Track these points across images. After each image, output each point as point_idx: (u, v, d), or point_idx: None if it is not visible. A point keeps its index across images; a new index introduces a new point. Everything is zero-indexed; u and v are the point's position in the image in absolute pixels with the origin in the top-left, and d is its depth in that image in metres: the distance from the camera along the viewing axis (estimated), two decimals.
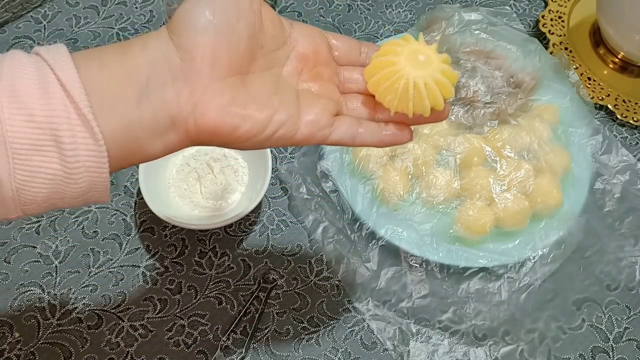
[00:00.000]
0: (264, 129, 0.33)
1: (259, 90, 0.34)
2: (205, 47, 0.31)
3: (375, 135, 0.36)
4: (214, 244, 0.58)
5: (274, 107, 0.33)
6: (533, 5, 0.78)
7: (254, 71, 0.34)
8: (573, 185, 0.60)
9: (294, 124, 0.34)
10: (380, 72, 0.35)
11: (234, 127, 0.32)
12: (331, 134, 0.35)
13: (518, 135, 0.60)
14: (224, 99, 0.32)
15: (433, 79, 0.34)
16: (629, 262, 0.60)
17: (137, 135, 0.31)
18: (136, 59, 0.31)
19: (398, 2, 0.76)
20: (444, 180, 0.57)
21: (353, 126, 0.35)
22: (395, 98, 0.34)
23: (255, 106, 0.33)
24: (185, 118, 0.31)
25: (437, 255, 0.55)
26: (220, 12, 0.32)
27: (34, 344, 0.52)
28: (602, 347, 0.57)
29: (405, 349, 0.55)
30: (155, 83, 0.31)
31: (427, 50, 0.35)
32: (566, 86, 0.65)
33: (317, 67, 0.37)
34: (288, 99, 0.34)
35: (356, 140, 0.35)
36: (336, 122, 0.35)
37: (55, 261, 0.56)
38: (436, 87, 0.34)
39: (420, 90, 0.34)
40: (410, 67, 0.34)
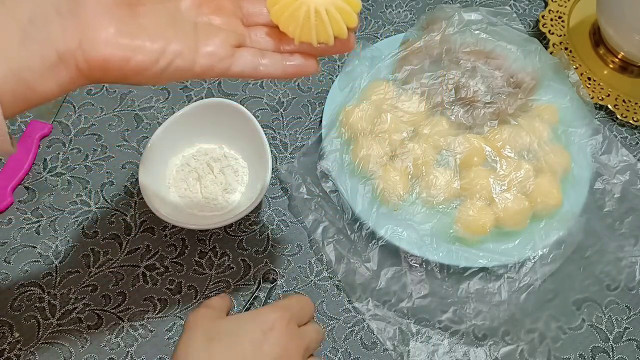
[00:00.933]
0: (157, 60, 0.32)
1: (151, 22, 0.33)
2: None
3: (279, 66, 0.36)
4: (214, 244, 0.58)
5: (167, 38, 0.33)
6: (533, 5, 0.78)
7: (145, 3, 0.33)
8: (573, 185, 0.60)
9: (190, 55, 0.33)
10: (282, 1, 0.34)
11: (125, 59, 0.32)
12: (232, 65, 0.35)
13: (518, 135, 0.60)
14: (111, 30, 0.31)
15: (334, 5, 0.34)
16: (629, 262, 0.60)
17: (26, 76, 0.30)
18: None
19: (398, 2, 0.76)
20: (444, 180, 0.57)
21: (255, 57, 0.35)
22: (298, 27, 0.34)
23: (147, 37, 0.32)
24: (74, 53, 0.31)
25: (437, 255, 0.55)
26: None
27: (34, 344, 0.52)
28: (602, 347, 0.57)
29: (405, 349, 0.55)
30: (38, 20, 0.30)
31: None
32: (566, 86, 0.65)
33: (218, 0, 0.36)
34: (184, 30, 0.34)
35: (259, 71, 0.35)
36: (237, 54, 0.35)
37: (55, 261, 0.56)
38: (337, 14, 0.34)
39: (322, 17, 0.33)
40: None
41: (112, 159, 0.62)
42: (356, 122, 0.60)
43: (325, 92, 0.67)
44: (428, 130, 0.60)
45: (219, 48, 0.34)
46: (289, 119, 0.66)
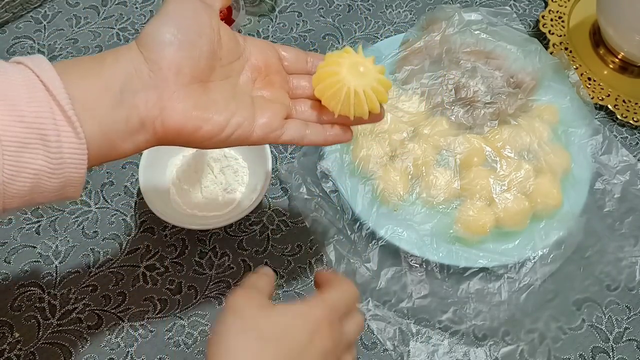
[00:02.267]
0: (222, 130, 0.37)
1: (218, 96, 0.38)
2: (171, 59, 0.36)
3: (321, 135, 0.41)
4: (214, 244, 0.58)
5: (231, 111, 0.38)
6: (533, 6, 0.78)
7: (214, 80, 0.38)
8: (573, 185, 0.60)
9: (249, 126, 0.38)
10: (326, 80, 0.40)
11: (196, 127, 0.36)
12: (282, 135, 0.40)
13: (518, 135, 0.60)
14: (188, 103, 0.36)
15: (371, 87, 0.39)
16: (629, 262, 0.60)
17: (112, 136, 0.34)
18: (110, 71, 0.35)
19: (398, 2, 0.76)
20: (444, 180, 0.57)
21: (301, 128, 0.40)
22: (339, 103, 0.39)
23: (215, 110, 0.37)
24: (153, 120, 0.36)
25: (437, 255, 0.55)
26: (184, 29, 0.36)
27: (34, 344, 0.52)
28: (602, 347, 0.57)
29: (405, 349, 0.55)
30: (127, 91, 0.35)
31: (365, 62, 0.40)
32: (566, 86, 0.65)
33: (269, 75, 0.42)
34: (244, 104, 0.39)
35: (304, 140, 0.40)
36: (286, 125, 0.40)
37: (55, 261, 0.56)
38: (373, 94, 0.39)
39: (360, 96, 0.39)
40: (351, 77, 0.39)
41: None
42: None
43: None
44: (428, 130, 0.60)
45: (272, 120, 0.39)
46: None
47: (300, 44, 0.71)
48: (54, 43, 0.68)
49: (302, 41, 0.71)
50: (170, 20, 0.37)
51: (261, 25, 0.72)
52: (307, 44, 0.71)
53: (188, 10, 0.37)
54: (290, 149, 0.64)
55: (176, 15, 0.37)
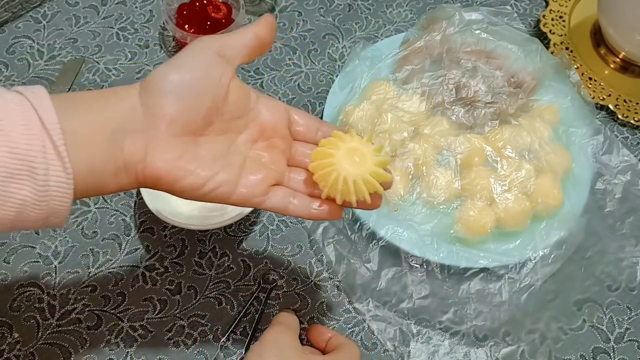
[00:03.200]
0: (202, 185, 0.37)
1: (207, 152, 0.38)
2: (166, 109, 0.36)
3: (306, 209, 0.40)
4: (213, 244, 0.58)
5: (215, 169, 0.38)
6: (534, 5, 0.78)
7: (209, 134, 0.38)
8: (574, 185, 0.60)
9: (231, 187, 0.38)
10: (320, 160, 0.39)
11: (176, 179, 0.37)
12: (265, 202, 0.39)
13: (519, 135, 0.60)
14: (172, 154, 0.36)
15: (362, 177, 0.38)
16: (629, 262, 0.60)
17: (99, 173, 0.35)
18: (109, 110, 0.35)
19: (399, 1, 0.76)
20: (445, 180, 0.57)
21: (287, 197, 0.40)
22: (327, 186, 0.39)
23: (199, 165, 0.37)
24: (135, 165, 0.36)
25: (437, 255, 0.55)
26: (189, 83, 0.36)
27: (33, 345, 0.52)
28: (603, 348, 0.57)
29: (405, 349, 0.54)
30: (119, 132, 0.35)
31: (364, 150, 0.39)
32: (567, 86, 0.65)
33: (273, 139, 0.41)
34: (233, 163, 0.39)
35: (287, 210, 0.40)
36: (271, 192, 0.40)
37: (54, 261, 0.56)
38: (363, 185, 0.38)
39: (349, 186, 0.38)
40: (345, 163, 0.38)
41: None
42: (356, 122, 0.60)
43: (325, 92, 0.67)
44: (429, 130, 0.60)
45: (257, 185, 0.39)
46: None
47: (300, 43, 0.71)
48: (54, 43, 0.68)
49: (302, 40, 0.71)
50: (179, 70, 0.36)
51: None
52: (307, 43, 0.71)
53: (201, 64, 0.37)
54: None
55: (186, 66, 0.37)
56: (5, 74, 0.65)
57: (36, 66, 0.66)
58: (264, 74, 0.68)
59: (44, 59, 0.67)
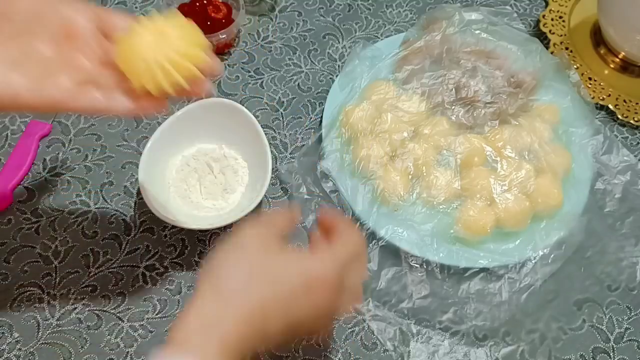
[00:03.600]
0: (2, 90, 0.35)
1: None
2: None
3: (123, 105, 0.39)
4: (214, 244, 0.58)
5: (9, 74, 0.36)
6: (534, 5, 0.78)
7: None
8: (574, 185, 0.60)
9: (36, 89, 0.36)
10: (123, 51, 0.37)
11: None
12: (77, 102, 0.37)
13: (519, 135, 0.60)
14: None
15: (169, 59, 0.36)
16: (629, 262, 0.60)
17: None
18: None
19: (399, 1, 0.76)
20: (445, 180, 0.57)
21: (101, 97, 0.38)
22: (133, 75, 0.37)
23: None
24: None
25: (437, 255, 0.55)
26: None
27: (33, 344, 0.52)
28: (603, 348, 0.57)
29: (405, 349, 0.54)
30: None
31: (166, 30, 0.36)
32: (567, 86, 0.65)
33: (79, 39, 0.39)
34: (33, 66, 0.37)
35: (102, 108, 0.38)
36: (84, 91, 0.38)
37: (54, 261, 0.56)
38: (172, 69, 0.36)
39: (153, 70, 0.36)
40: (148, 48, 0.36)
41: (112, 159, 0.61)
42: (356, 122, 0.60)
43: (325, 92, 0.67)
44: (428, 130, 0.60)
45: (66, 86, 0.37)
46: (289, 119, 0.66)
47: (300, 43, 0.71)
48: None
49: (302, 41, 0.71)
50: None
51: (261, 25, 0.72)
52: (307, 43, 0.71)
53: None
54: (290, 149, 0.64)
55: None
56: None
57: None
58: (264, 74, 0.69)
59: None
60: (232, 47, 0.70)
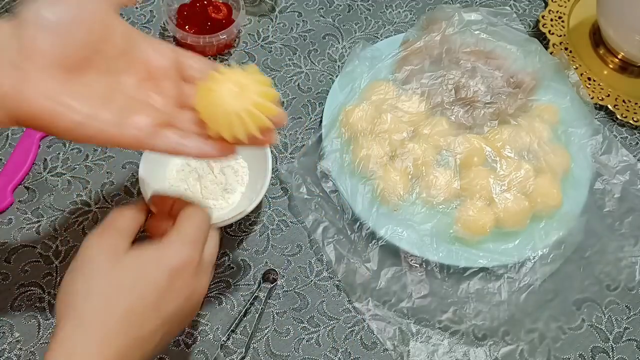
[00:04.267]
0: (85, 124, 0.35)
1: (88, 90, 0.36)
2: (41, 41, 0.35)
3: (198, 148, 0.39)
4: None
5: (97, 108, 0.36)
6: (533, 6, 0.78)
7: (89, 73, 0.37)
8: (573, 185, 0.60)
9: (117, 126, 0.36)
10: (203, 97, 0.38)
11: (55, 115, 0.35)
12: (157, 142, 0.38)
13: (518, 135, 0.60)
14: (50, 90, 0.35)
15: (246, 110, 0.38)
16: (628, 262, 0.60)
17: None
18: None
19: (398, 2, 0.76)
20: (444, 180, 0.57)
21: (177, 138, 0.38)
22: (213, 122, 0.38)
23: (80, 102, 0.35)
24: (12, 99, 0.34)
25: (437, 255, 0.56)
26: (63, 15, 0.35)
27: (34, 344, 0.52)
28: (602, 347, 0.57)
29: (405, 349, 0.55)
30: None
31: (246, 82, 0.38)
32: (566, 86, 0.65)
33: (160, 80, 0.40)
34: (117, 104, 0.37)
35: (177, 150, 0.39)
36: (160, 133, 0.38)
37: (55, 261, 0.56)
38: (248, 119, 0.38)
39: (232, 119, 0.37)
40: (227, 97, 0.38)
41: (112, 159, 0.62)
42: (356, 122, 0.60)
43: (325, 92, 0.67)
44: (428, 130, 0.60)
45: (146, 125, 0.37)
46: (289, 119, 0.66)
47: (300, 43, 0.71)
48: None
49: (302, 41, 0.71)
50: (51, 4, 0.36)
51: (261, 25, 0.72)
52: (307, 44, 0.71)
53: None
54: (291, 149, 0.64)
55: (58, 0, 0.36)
56: None
57: None
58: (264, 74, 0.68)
59: None
60: (232, 47, 0.70)
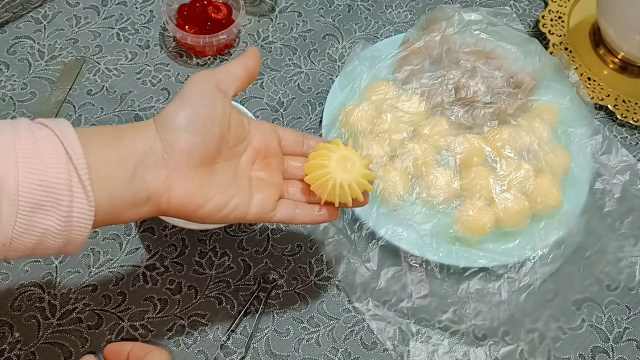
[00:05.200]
0: (221, 209, 0.41)
1: (221, 178, 0.42)
2: (184, 143, 0.39)
3: (309, 216, 0.45)
4: (214, 244, 0.58)
5: (231, 193, 0.42)
6: (533, 6, 0.78)
7: (219, 162, 0.42)
8: (573, 185, 0.60)
9: (245, 207, 0.42)
10: (315, 171, 0.44)
11: (198, 206, 0.40)
12: (274, 216, 0.43)
13: (518, 135, 0.60)
14: (193, 184, 0.40)
15: (355, 180, 0.44)
16: (628, 262, 0.61)
17: (118, 205, 0.37)
18: (128, 145, 0.38)
19: (398, 2, 0.76)
20: (444, 180, 0.57)
21: (291, 209, 0.44)
22: (325, 193, 0.44)
23: (217, 191, 0.41)
24: (160, 196, 0.39)
25: (437, 255, 0.56)
26: (199, 117, 0.40)
27: (34, 344, 0.52)
28: (602, 347, 0.57)
29: (405, 349, 0.55)
30: (141, 167, 0.38)
31: (352, 157, 0.45)
32: (566, 86, 0.65)
33: (267, 158, 0.46)
34: (243, 186, 0.43)
35: (294, 220, 0.44)
36: (278, 206, 0.44)
37: (55, 261, 0.56)
38: (357, 187, 0.44)
39: (345, 189, 0.43)
40: (338, 171, 0.43)
41: None
42: (356, 122, 0.60)
43: (325, 92, 0.67)
44: (428, 130, 0.60)
45: (266, 202, 0.43)
46: (289, 119, 0.66)
47: (300, 43, 0.71)
48: (54, 43, 0.68)
49: (302, 41, 0.71)
50: (188, 106, 0.40)
51: (261, 25, 0.72)
52: (307, 44, 0.71)
53: (205, 99, 0.40)
54: None
55: (194, 102, 0.40)
56: (6, 74, 0.65)
57: (37, 66, 0.66)
58: (264, 74, 0.69)
59: (44, 59, 0.67)
60: (232, 47, 0.70)
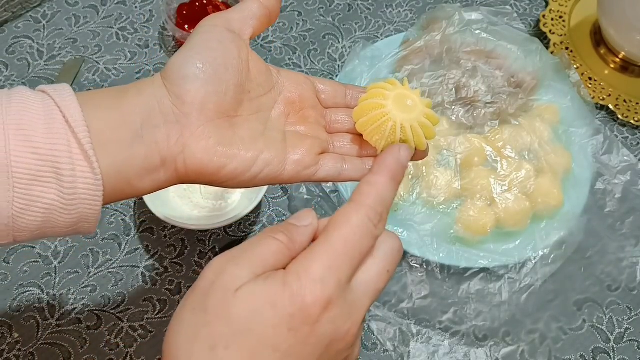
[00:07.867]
0: (249, 168, 0.35)
1: (246, 132, 0.36)
2: (195, 94, 0.34)
3: (360, 170, 0.37)
4: (213, 244, 0.58)
5: (259, 148, 0.35)
6: (534, 5, 0.78)
7: (242, 114, 0.36)
8: (574, 185, 0.60)
9: (280, 164, 0.36)
10: (369, 114, 0.36)
11: (221, 165, 0.34)
12: (317, 172, 0.37)
13: (519, 135, 0.60)
14: (211, 140, 0.34)
15: (418, 122, 0.36)
16: (629, 262, 0.60)
17: (129, 172, 0.33)
18: (132, 104, 0.33)
19: (398, 1, 0.76)
20: (445, 180, 0.57)
21: (337, 163, 0.37)
22: (383, 138, 0.36)
23: (242, 146, 0.35)
24: (175, 158, 0.34)
25: (437, 255, 0.55)
26: (210, 63, 0.34)
27: (33, 345, 0.52)
28: (603, 348, 0.57)
29: (405, 349, 0.54)
30: (148, 126, 0.33)
31: (412, 95, 0.37)
32: (567, 86, 0.65)
33: (304, 110, 0.39)
34: (274, 140, 0.36)
35: (341, 176, 0.37)
36: (321, 161, 0.37)
37: (54, 261, 0.56)
38: (420, 130, 0.36)
39: (407, 132, 0.36)
40: (398, 111, 0.36)
41: None
42: None
43: None
44: None
45: (305, 156, 0.36)
46: None
47: (300, 43, 0.71)
48: (54, 43, 0.68)
49: (302, 41, 0.71)
50: (196, 52, 0.35)
51: None
52: (307, 43, 0.71)
53: (214, 42, 0.35)
54: None
55: (202, 47, 0.35)
56: (5, 74, 0.65)
57: (36, 66, 0.66)
58: None
59: (43, 59, 0.67)
60: None
